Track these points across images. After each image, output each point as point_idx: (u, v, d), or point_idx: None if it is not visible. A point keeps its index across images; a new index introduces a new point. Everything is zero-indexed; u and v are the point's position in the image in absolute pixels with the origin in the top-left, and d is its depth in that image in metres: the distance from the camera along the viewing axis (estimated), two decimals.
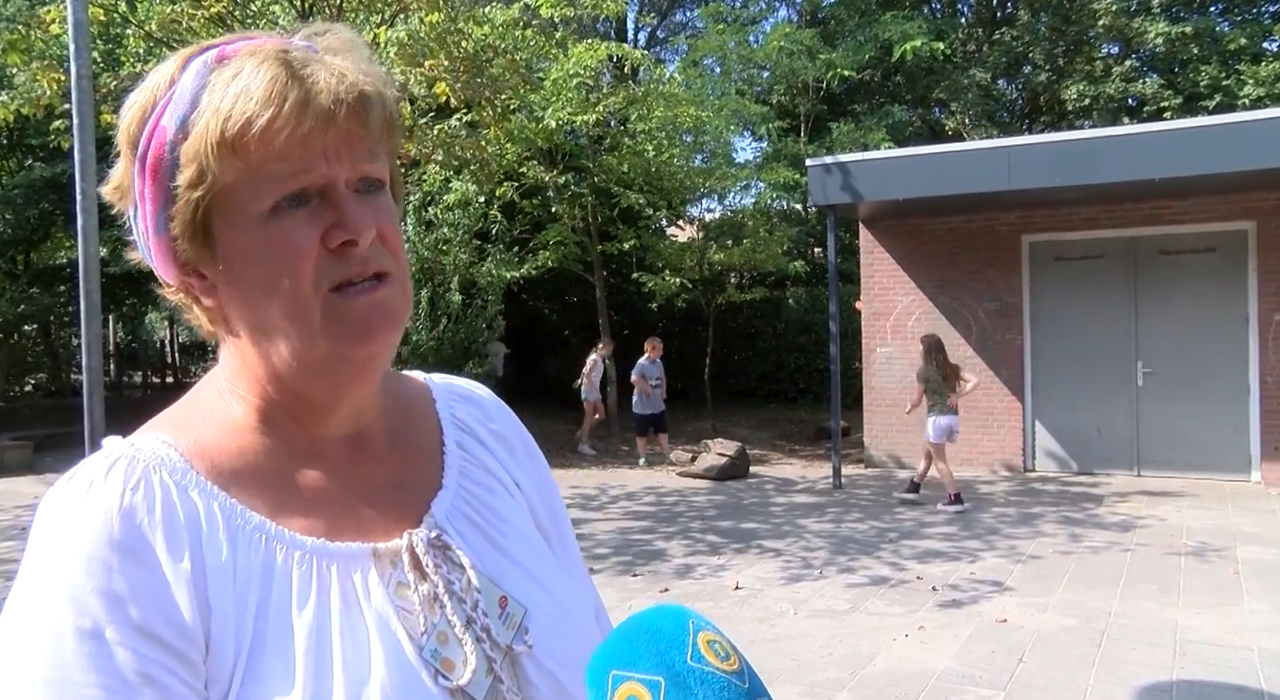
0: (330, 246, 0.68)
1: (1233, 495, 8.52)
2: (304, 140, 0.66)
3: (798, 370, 16.73)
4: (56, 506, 0.66)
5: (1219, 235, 9.39)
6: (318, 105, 0.66)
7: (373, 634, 0.67)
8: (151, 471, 0.67)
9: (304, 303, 0.68)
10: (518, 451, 0.88)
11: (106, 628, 0.60)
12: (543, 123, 11.85)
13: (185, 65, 0.70)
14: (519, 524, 0.81)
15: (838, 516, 8.00)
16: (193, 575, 0.64)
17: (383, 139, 0.72)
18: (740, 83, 17.07)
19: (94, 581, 0.61)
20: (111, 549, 0.62)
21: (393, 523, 0.74)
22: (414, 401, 0.85)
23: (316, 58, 0.69)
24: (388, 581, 0.70)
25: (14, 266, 16.72)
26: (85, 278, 4.31)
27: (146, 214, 0.70)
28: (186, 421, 0.73)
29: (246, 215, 0.67)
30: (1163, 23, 15.68)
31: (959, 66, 17.74)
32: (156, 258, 0.72)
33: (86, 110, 4.32)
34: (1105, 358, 9.81)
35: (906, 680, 4.14)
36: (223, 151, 0.66)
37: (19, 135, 14.33)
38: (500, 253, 12.45)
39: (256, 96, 0.65)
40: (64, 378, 17.50)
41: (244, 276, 0.69)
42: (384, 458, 0.78)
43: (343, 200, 0.68)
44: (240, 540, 0.67)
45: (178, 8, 7.51)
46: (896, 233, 10.74)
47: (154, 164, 0.68)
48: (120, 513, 0.64)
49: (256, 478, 0.71)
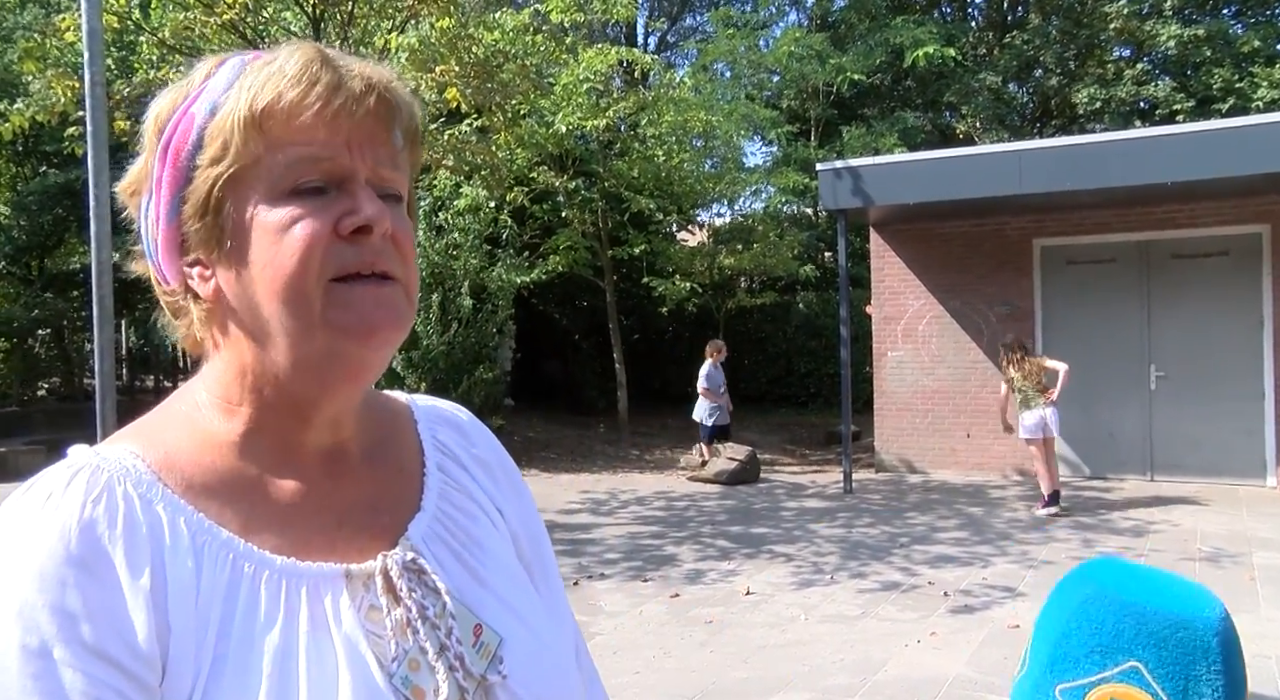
0: (342, 233, 0.66)
1: (1247, 500, 8.46)
2: (330, 124, 0.66)
3: (808, 375, 16.69)
4: (11, 518, 0.62)
5: (1232, 239, 9.33)
6: (349, 88, 0.67)
7: (341, 659, 0.65)
8: (115, 483, 0.65)
9: (305, 290, 0.66)
10: (500, 479, 0.85)
11: (55, 646, 0.58)
12: (553, 128, 11.87)
13: (222, 63, 0.71)
14: (499, 553, 0.79)
15: (848, 521, 7.97)
16: (152, 593, 0.61)
17: (406, 152, 0.72)
18: (750, 87, 17.07)
19: (46, 597, 0.59)
20: (68, 564, 0.60)
21: (367, 543, 0.71)
22: (395, 421, 0.82)
23: (354, 58, 0.71)
24: (359, 604, 0.68)
25: (28, 272, 16.84)
26: (98, 283, 4.33)
27: (160, 200, 0.70)
28: (158, 432, 0.71)
29: (262, 195, 0.67)
30: (1175, 25, 15.61)
31: (970, 70, 17.70)
32: (163, 248, 0.71)
33: (100, 117, 4.35)
34: (1118, 362, 9.76)
35: (918, 686, 4.12)
36: (249, 127, 0.66)
37: (34, 142, 14.44)
38: (510, 258, 12.48)
39: (289, 75, 0.66)
40: (77, 382, 17.60)
41: (249, 258, 0.67)
42: (361, 475, 0.75)
43: (360, 190, 0.68)
44: (206, 557, 0.64)
45: (190, 15, 7.55)
46: (907, 237, 10.72)
47: (177, 148, 0.68)
48: (79, 526, 0.61)
49: (228, 492, 0.68)
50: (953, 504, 8.65)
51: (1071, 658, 0.50)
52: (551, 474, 11.05)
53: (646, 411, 15.45)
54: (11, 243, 16.25)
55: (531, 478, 10.69)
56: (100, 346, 4.41)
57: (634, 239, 13.56)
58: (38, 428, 13.96)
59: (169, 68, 8.11)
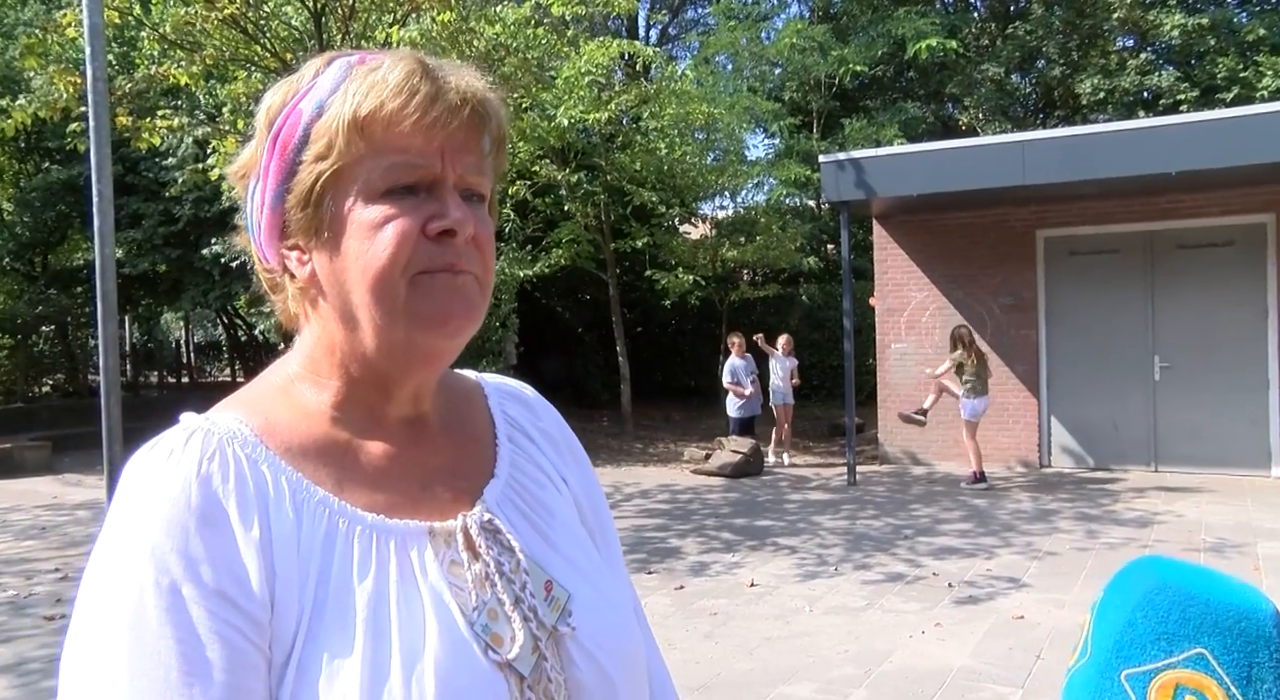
0: (430, 234, 0.73)
1: (1251, 490, 8.45)
2: (427, 132, 0.72)
3: (811, 367, 16.66)
4: (140, 472, 0.70)
5: (1237, 228, 9.31)
6: (446, 100, 0.73)
7: (427, 606, 0.71)
8: (225, 444, 0.72)
9: (392, 282, 0.72)
10: (564, 451, 0.92)
11: (183, 585, 0.65)
12: (555, 121, 11.85)
13: (330, 62, 0.77)
14: (565, 518, 0.85)
15: (852, 513, 7.97)
16: (261, 542, 0.68)
17: (491, 155, 0.78)
18: (752, 79, 17.04)
19: (173, 542, 0.66)
20: (189, 513, 0.67)
21: (447, 505, 0.78)
22: (468, 396, 0.90)
23: (451, 68, 0.76)
24: (442, 559, 0.74)
25: (32, 268, 16.87)
26: (101, 279, 4.34)
27: (268, 187, 0.76)
28: (257, 402, 0.77)
29: (359, 193, 0.73)
30: (1179, 14, 15.54)
31: (972, 61, 17.64)
32: (265, 230, 0.77)
33: (102, 113, 4.35)
34: (1121, 352, 9.74)
35: (922, 677, 4.13)
36: (352, 130, 0.72)
37: (36, 138, 14.46)
38: (514, 251, 12.47)
39: (392, 84, 0.72)
40: (81, 378, 17.64)
41: (343, 248, 0.73)
42: (440, 444, 0.82)
43: (448, 196, 0.74)
44: (305, 512, 0.71)
45: (192, 10, 7.54)
46: (910, 228, 10.70)
47: (285, 140, 0.74)
48: (198, 480, 0.69)
49: (322, 455, 0.75)
50: (956, 496, 8.66)
51: (1138, 644, 0.52)
52: None
53: (650, 404, 15.47)
54: (15, 239, 16.28)
55: None
56: (104, 342, 4.42)
57: (636, 232, 13.55)
58: (42, 424, 14.00)
59: (170, 63, 8.11)
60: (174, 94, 11.01)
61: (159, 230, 13.84)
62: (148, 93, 8.37)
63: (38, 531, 8.05)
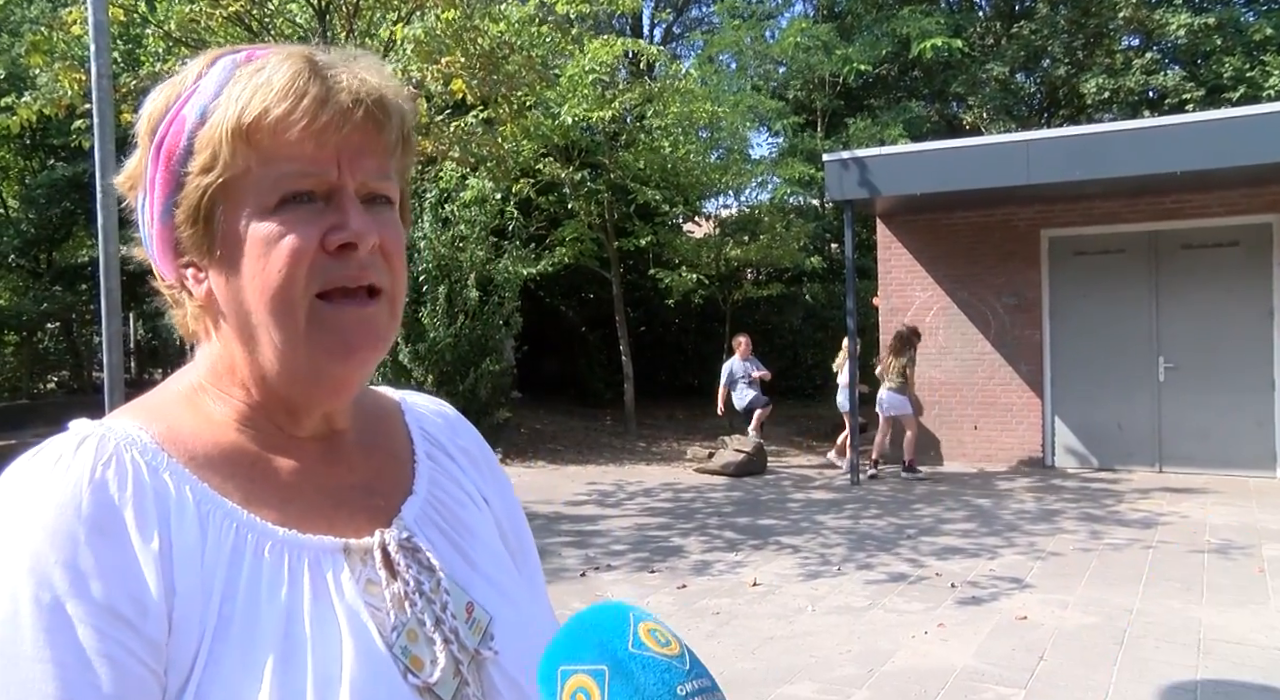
0: (329, 248, 0.68)
1: (1257, 492, 8.43)
2: (318, 137, 0.67)
3: (815, 366, 16.65)
4: (21, 478, 0.64)
5: (1242, 229, 9.28)
6: (336, 102, 0.67)
7: (344, 627, 0.67)
8: (123, 449, 0.66)
9: (291, 303, 0.68)
10: (484, 469, 0.89)
11: (68, 602, 0.59)
12: (559, 119, 11.84)
13: (213, 62, 0.71)
14: (485, 538, 0.82)
15: (856, 513, 7.97)
16: (160, 555, 0.62)
17: (396, 155, 0.72)
18: (756, 78, 17.02)
19: (59, 554, 0.60)
20: (79, 522, 0.61)
21: (363, 523, 0.74)
22: (385, 413, 0.86)
23: (344, 64, 0.70)
24: (358, 577, 0.70)
25: (37, 265, 16.89)
26: (106, 276, 4.34)
27: (154, 201, 0.71)
28: (158, 409, 0.72)
29: (251, 207, 0.68)
30: (1185, 14, 15.50)
31: (977, 60, 17.61)
32: (157, 246, 0.73)
33: (107, 110, 4.35)
34: (1126, 353, 9.72)
35: (925, 677, 4.12)
36: (236, 139, 0.66)
37: (41, 135, 14.47)
38: (517, 249, 12.47)
39: (276, 87, 0.67)
40: (86, 375, 17.67)
41: (238, 268, 0.68)
42: (355, 461, 0.78)
43: (348, 204, 0.68)
44: (210, 524, 0.66)
45: (196, 7, 7.55)
46: (914, 228, 10.68)
47: (169, 150, 0.69)
48: (90, 486, 0.63)
49: (229, 467, 0.70)
50: (960, 495, 8.65)
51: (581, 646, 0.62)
52: (558, 466, 11.06)
53: (653, 403, 15.46)
54: (20, 236, 16.29)
55: (538, 470, 10.71)
56: (108, 339, 4.43)
57: (640, 230, 13.54)
58: (46, 420, 13.97)
59: (175, 60, 8.12)
60: None
61: None
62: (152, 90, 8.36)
63: None
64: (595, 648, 0.60)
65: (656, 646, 0.60)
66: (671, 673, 0.59)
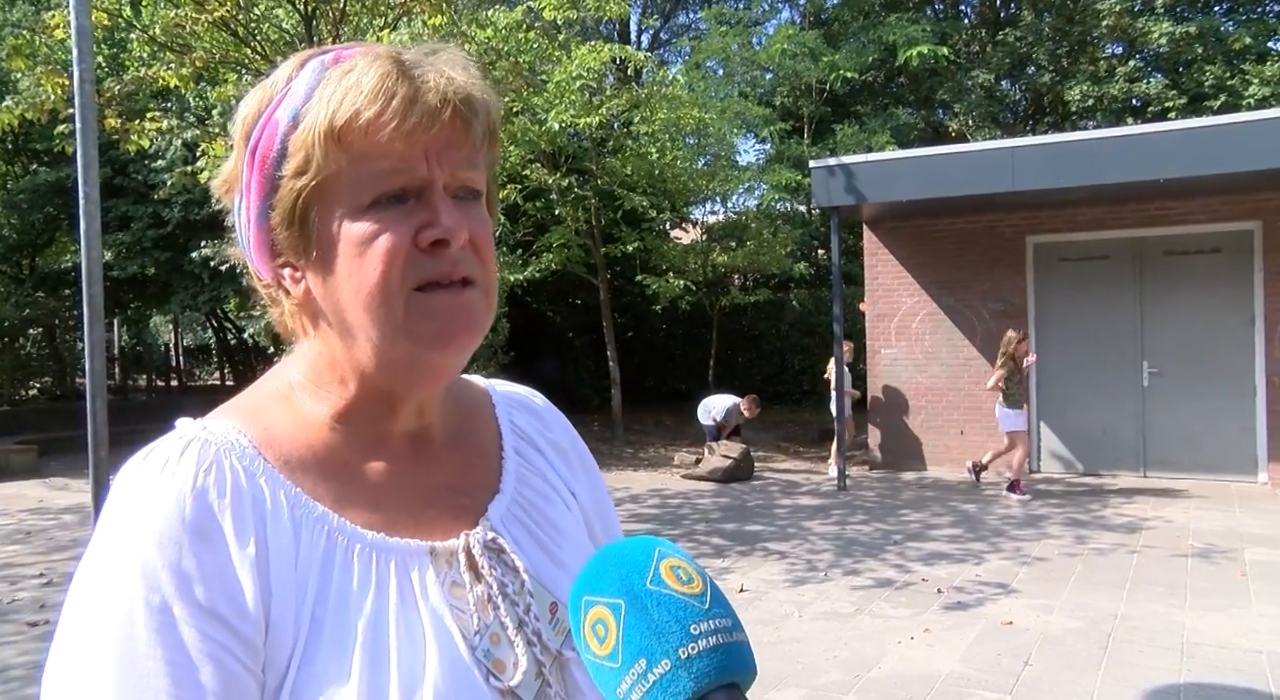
0: (421, 245, 0.69)
1: (1240, 496, 8.49)
2: (408, 137, 0.68)
3: (802, 372, 16.71)
4: (133, 483, 0.67)
5: (1225, 235, 9.36)
6: (425, 103, 0.68)
7: (428, 630, 0.69)
8: (223, 455, 0.69)
9: (389, 298, 0.69)
10: (574, 463, 0.89)
11: (175, 604, 0.62)
12: (546, 125, 11.84)
13: (303, 65, 0.72)
14: (573, 534, 0.82)
15: (842, 519, 7.98)
16: (257, 559, 0.65)
17: (483, 148, 0.74)
18: (743, 85, 17.06)
19: (165, 558, 0.63)
20: (183, 528, 0.64)
21: (450, 523, 0.75)
22: (475, 405, 0.87)
23: (429, 62, 0.71)
24: (443, 580, 0.72)
25: (19, 271, 16.77)
26: (88, 281, 4.31)
27: (251, 204, 0.72)
28: (256, 410, 0.75)
29: (345, 207, 0.69)
30: (1167, 22, 15.64)
31: (962, 68, 17.72)
32: (255, 247, 0.74)
33: (89, 115, 4.32)
34: (1111, 359, 9.78)
35: (912, 683, 4.13)
36: (329, 142, 0.68)
37: (24, 140, 14.37)
38: (504, 256, 12.45)
39: (366, 90, 0.68)
40: (69, 381, 17.54)
41: (334, 268, 0.70)
42: (444, 459, 0.80)
43: (438, 201, 0.70)
44: (304, 529, 0.69)
45: (181, 12, 7.51)
46: (900, 234, 10.73)
47: (263, 154, 0.71)
48: (193, 493, 0.66)
49: (322, 470, 0.72)
50: (947, 501, 8.67)
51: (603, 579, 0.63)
52: None
53: (641, 409, 15.45)
54: (2, 241, 16.17)
55: None
56: (90, 345, 4.39)
57: (627, 236, 13.54)
58: (29, 427, 13.90)
59: (160, 65, 8.08)
60: (164, 96, 10.96)
61: (148, 233, 13.77)
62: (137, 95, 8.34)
63: (23, 536, 7.98)
64: (616, 581, 0.61)
65: (677, 583, 0.61)
66: (687, 611, 0.59)
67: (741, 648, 0.61)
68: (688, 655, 0.58)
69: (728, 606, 0.62)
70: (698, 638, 0.59)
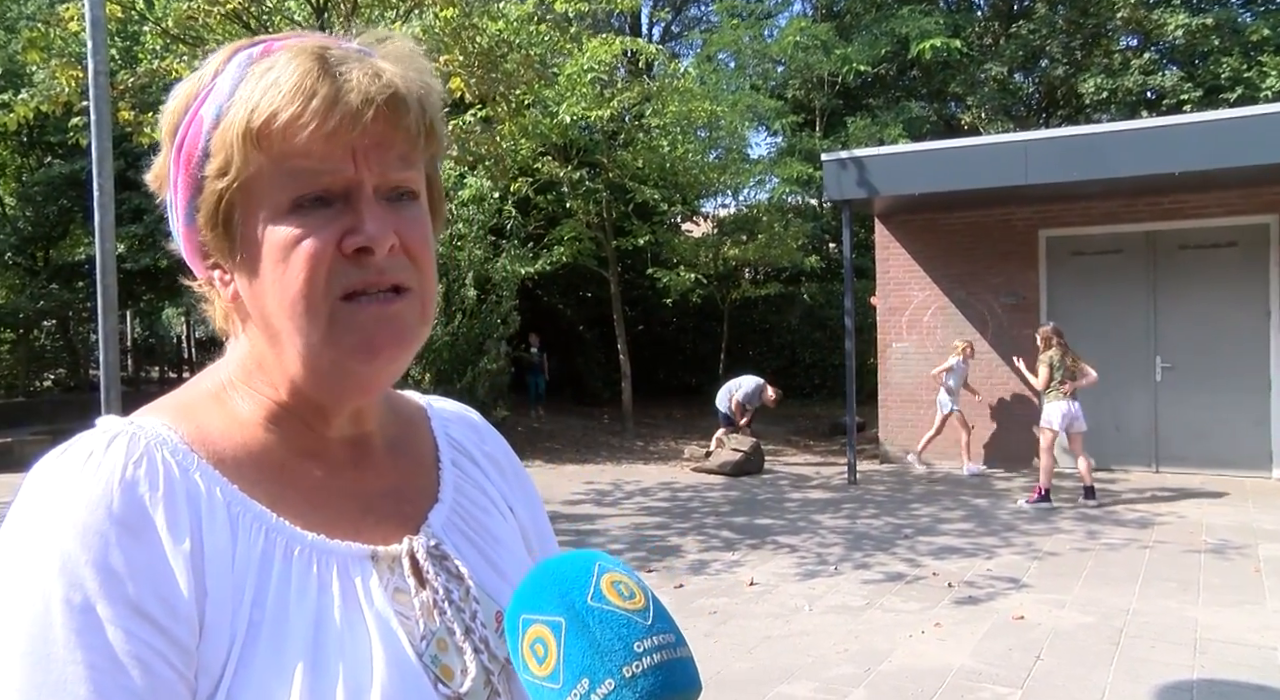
0: (345, 252, 0.66)
1: (1253, 492, 8.44)
2: (329, 138, 0.64)
3: (812, 366, 16.70)
4: (50, 476, 0.62)
5: (1240, 229, 9.29)
6: (346, 103, 0.64)
7: (374, 635, 0.66)
8: (154, 448, 0.65)
9: (312, 307, 0.66)
10: (509, 476, 0.87)
11: (99, 603, 0.58)
12: (557, 118, 11.83)
13: (231, 57, 0.69)
14: (512, 546, 0.81)
15: (853, 512, 7.97)
16: (191, 557, 0.61)
17: (420, 146, 0.69)
18: (755, 77, 17.03)
19: (89, 554, 0.58)
20: (110, 521, 0.60)
21: (391, 529, 0.73)
22: (411, 418, 0.84)
23: (357, 57, 0.67)
24: (386, 585, 0.69)
25: (34, 263, 16.86)
26: (102, 273, 4.33)
27: (178, 203, 0.70)
28: (188, 408, 0.71)
29: (266, 210, 0.66)
30: (1183, 14, 15.52)
31: (975, 60, 17.62)
32: (185, 247, 0.72)
33: (104, 107, 4.34)
34: (1123, 353, 9.73)
35: (922, 677, 4.12)
36: (247, 143, 0.65)
37: (38, 132, 14.44)
38: (515, 248, 12.46)
39: (285, 89, 0.64)
40: (82, 372, 17.65)
41: (259, 272, 0.67)
42: (384, 466, 0.77)
43: (364, 205, 0.66)
44: (241, 527, 0.65)
45: (194, 4, 7.53)
46: (912, 227, 10.68)
47: (189, 153, 0.68)
48: (121, 485, 0.61)
49: (258, 470, 0.69)
50: (957, 495, 8.65)
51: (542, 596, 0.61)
52: (556, 465, 11.06)
53: (651, 402, 15.47)
54: (17, 233, 16.28)
55: (536, 469, 10.70)
56: (104, 336, 4.42)
57: (638, 230, 13.54)
58: (43, 418, 14.00)
59: (173, 57, 8.10)
60: None
61: (161, 225, 13.82)
62: (150, 87, 8.35)
63: None
64: (555, 598, 0.59)
65: (618, 599, 0.59)
66: (630, 628, 0.58)
67: (686, 664, 0.59)
68: (632, 674, 0.56)
69: (671, 622, 0.61)
70: (641, 656, 0.57)
